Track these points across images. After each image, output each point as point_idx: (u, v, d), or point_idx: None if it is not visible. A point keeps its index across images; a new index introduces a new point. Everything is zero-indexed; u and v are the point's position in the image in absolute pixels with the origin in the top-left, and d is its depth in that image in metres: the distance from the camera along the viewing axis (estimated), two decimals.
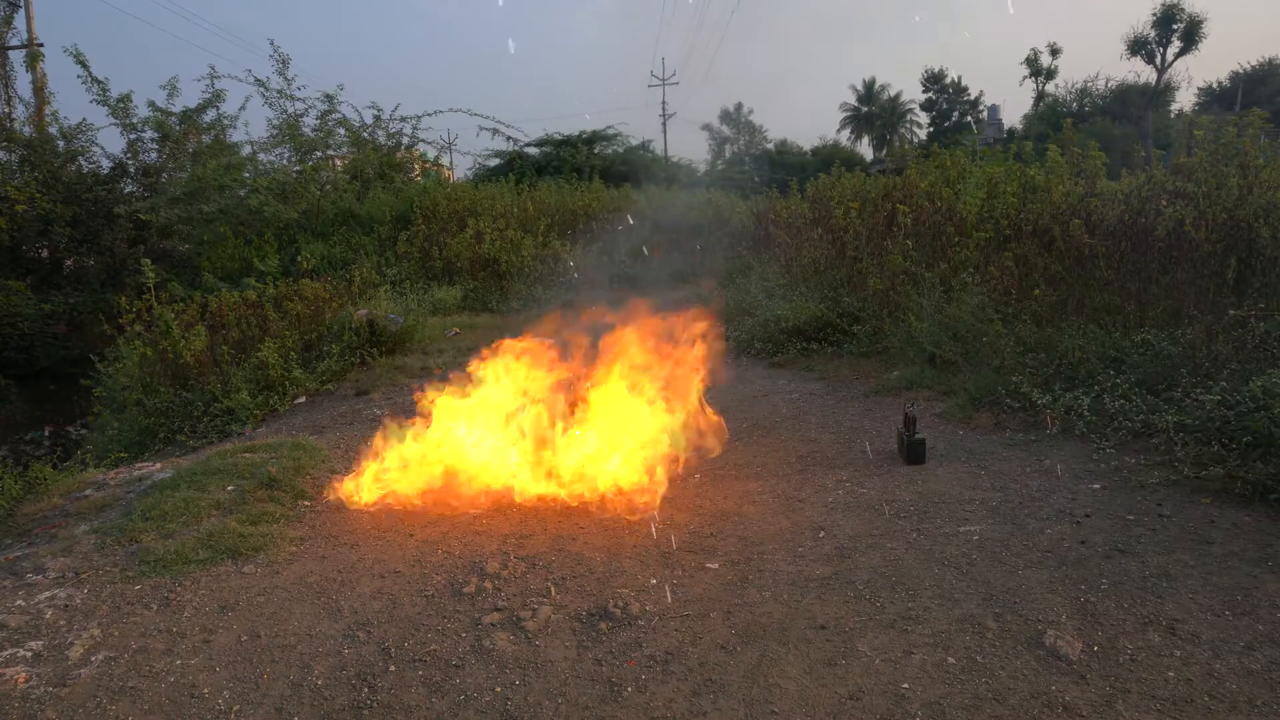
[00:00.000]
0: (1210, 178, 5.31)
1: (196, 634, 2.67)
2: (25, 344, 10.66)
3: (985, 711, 2.06)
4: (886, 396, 5.31)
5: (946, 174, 8.16)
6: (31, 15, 15.42)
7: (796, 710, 2.12)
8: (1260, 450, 3.35)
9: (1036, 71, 32.57)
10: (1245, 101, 36.99)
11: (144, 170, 12.92)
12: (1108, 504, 3.27)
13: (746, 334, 7.41)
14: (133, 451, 5.91)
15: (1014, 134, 36.19)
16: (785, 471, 4.02)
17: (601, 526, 3.41)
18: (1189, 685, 2.10)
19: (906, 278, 6.67)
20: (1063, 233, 5.69)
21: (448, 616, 2.71)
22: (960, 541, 3.04)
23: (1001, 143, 15.80)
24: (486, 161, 20.32)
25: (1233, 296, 4.65)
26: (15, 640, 2.65)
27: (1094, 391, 4.36)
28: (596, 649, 2.47)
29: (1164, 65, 28.68)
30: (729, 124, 59.50)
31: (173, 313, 6.94)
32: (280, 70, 13.62)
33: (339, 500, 3.81)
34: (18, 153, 12.32)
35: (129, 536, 3.41)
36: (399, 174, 14.98)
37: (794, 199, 11.97)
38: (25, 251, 11.75)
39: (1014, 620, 2.46)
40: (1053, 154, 6.96)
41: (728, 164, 43.07)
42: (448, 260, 11.69)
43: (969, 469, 3.84)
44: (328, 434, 5.17)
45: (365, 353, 7.22)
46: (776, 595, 2.72)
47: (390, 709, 2.23)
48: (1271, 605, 2.43)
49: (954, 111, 43.12)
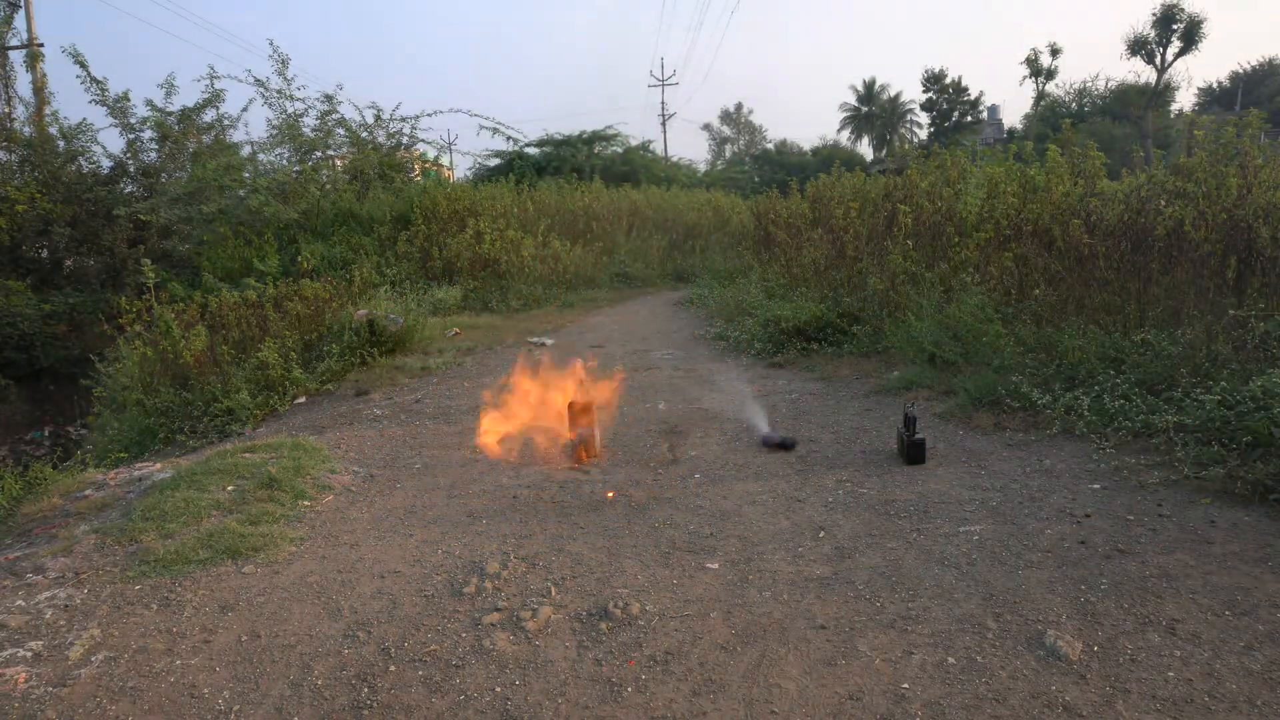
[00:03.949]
0: (1210, 178, 5.31)
1: (196, 634, 2.67)
2: (25, 344, 10.66)
3: (985, 711, 2.06)
4: (886, 396, 5.31)
5: (946, 174, 8.17)
6: (31, 15, 15.43)
7: (796, 710, 2.12)
8: (1260, 450, 3.35)
9: (1036, 71, 32.54)
10: (1245, 101, 37.02)
11: (144, 170, 12.93)
12: (1108, 504, 3.27)
13: (746, 334, 7.42)
14: (133, 451, 5.91)
15: (1014, 134, 36.22)
16: (785, 471, 4.02)
17: (601, 526, 3.41)
18: (1189, 685, 2.10)
19: (906, 278, 6.67)
20: (1063, 233, 5.70)
21: (448, 616, 2.71)
22: (960, 541, 3.04)
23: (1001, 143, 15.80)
24: (486, 161, 20.34)
25: (1233, 296, 4.65)
26: (15, 640, 2.64)
27: (1094, 391, 4.36)
28: (596, 649, 2.47)
29: (1164, 65, 28.68)
30: (729, 124, 59.54)
31: (173, 313, 6.95)
32: (280, 70, 13.61)
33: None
34: (18, 153, 12.33)
35: (129, 536, 3.41)
36: (399, 174, 14.97)
37: (794, 199, 11.97)
38: (25, 251, 11.76)
39: (1014, 620, 2.46)
40: (1052, 154, 6.96)
41: (728, 164, 43.09)
42: (448, 260, 11.70)
43: (969, 469, 3.84)
44: (328, 434, 5.17)
45: (365, 353, 7.22)
46: (776, 595, 2.72)
47: (390, 709, 2.23)
48: (1271, 605, 2.43)
49: (954, 111, 43.08)
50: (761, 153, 47.07)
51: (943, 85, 43.16)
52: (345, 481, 4.17)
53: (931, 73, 43.19)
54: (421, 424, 5.35)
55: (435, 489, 4.02)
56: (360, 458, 4.60)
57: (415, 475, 4.27)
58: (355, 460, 4.55)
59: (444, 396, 6.09)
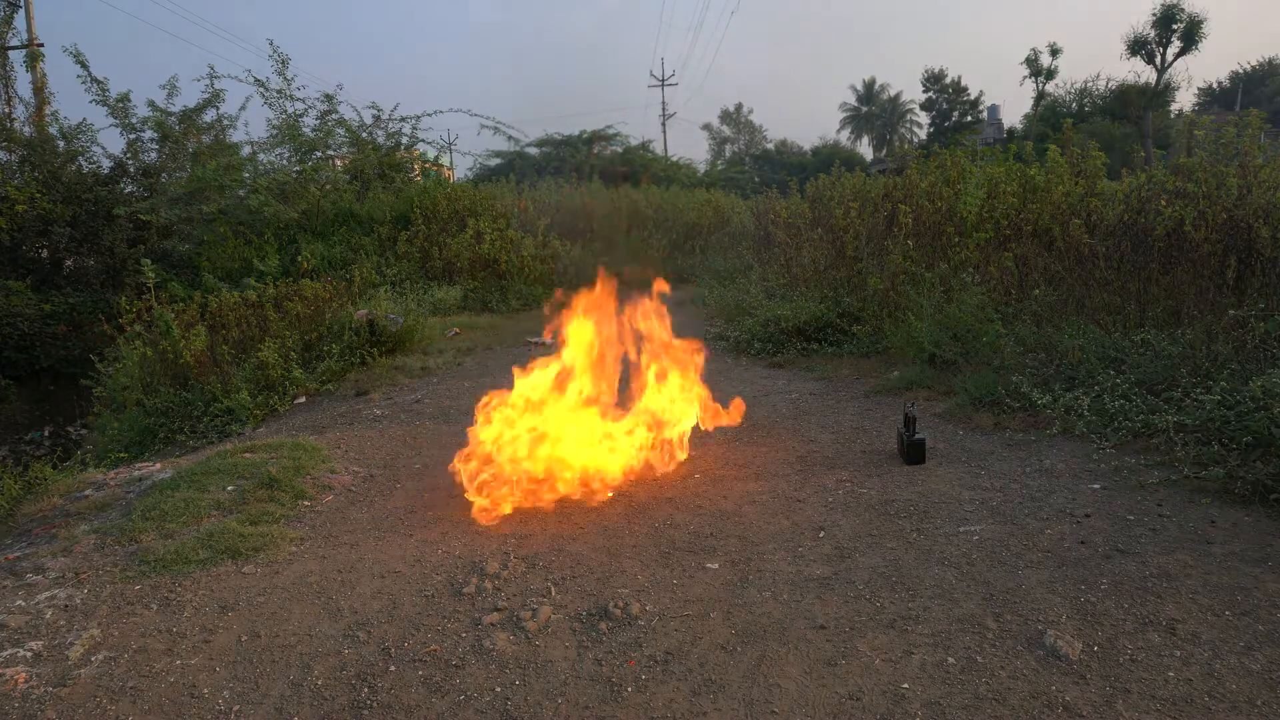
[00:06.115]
0: (1210, 178, 5.32)
1: (196, 634, 2.67)
2: (25, 344, 10.66)
3: (985, 711, 2.06)
4: (886, 396, 5.31)
5: (946, 174, 8.17)
6: (31, 15, 15.43)
7: (796, 710, 2.12)
8: (1260, 450, 3.35)
9: (1036, 71, 32.50)
10: (1245, 101, 37.03)
11: (144, 170, 12.92)
12: (1108, 504, 3.27)
13: (746, 334, 7.41)
14: (133, 451, 5.91)
15: (1014, 134, 36.20)
16: (785, 471, 4.02)
17: (601, 526, 3.41)
18: (1189, 685, 2.10)
19: (906, 278, 6.67)
20: (1063, 233, 5.70)
21: (448, 616, 2.71)
22: (960, 541, 3.04)
23: (1001, 143, 15.80)
24: (487, 161, 20.37)
25: (1233, 296, 4.65)
26: (15, 640, 2.65)
27: (1094, 391, 4.36)
28: (596, 649, 2.47)
29: (1164, 65, 28.64)
30: (729, 124, 59.56)
31: (173, 313, 6.95)
32: (280, 70, 13.59)
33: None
34: (18, 153, 12.32)
35: (129, 536, 3.41)
36: (399, 174, 14.96)
37: (794, 199, 11.98)
38: (25, 251, 11.74)
39: (1014, 620, 2.46)
40: (1053, 154, 6.97)
41: (728, 164, 43.12)
42: (448, 260, 11.70)
43: (969, 469, 3.84)
44: (328, 434, 5.17)
45: (365, 353, 7.22)
46: (776, 595, 2.72)
47: (390, 709, 2.23)
48: (1271, 605, 2.43)
49: (954, 111, 43.09)
50: (761, 153, 47.12)
51: (943, 85, 43.17)
52: (345, 481, 4.17)
53: (931, 73, 43.23)
54: (421, 424, 5.35)
55: (435, 489, 4.01)
56: (360, 458, 4.60)
57: (415, 475, 4.27)
58: (355, 460, 4.55)
59: (444, 396, 6.09)
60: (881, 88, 53.79)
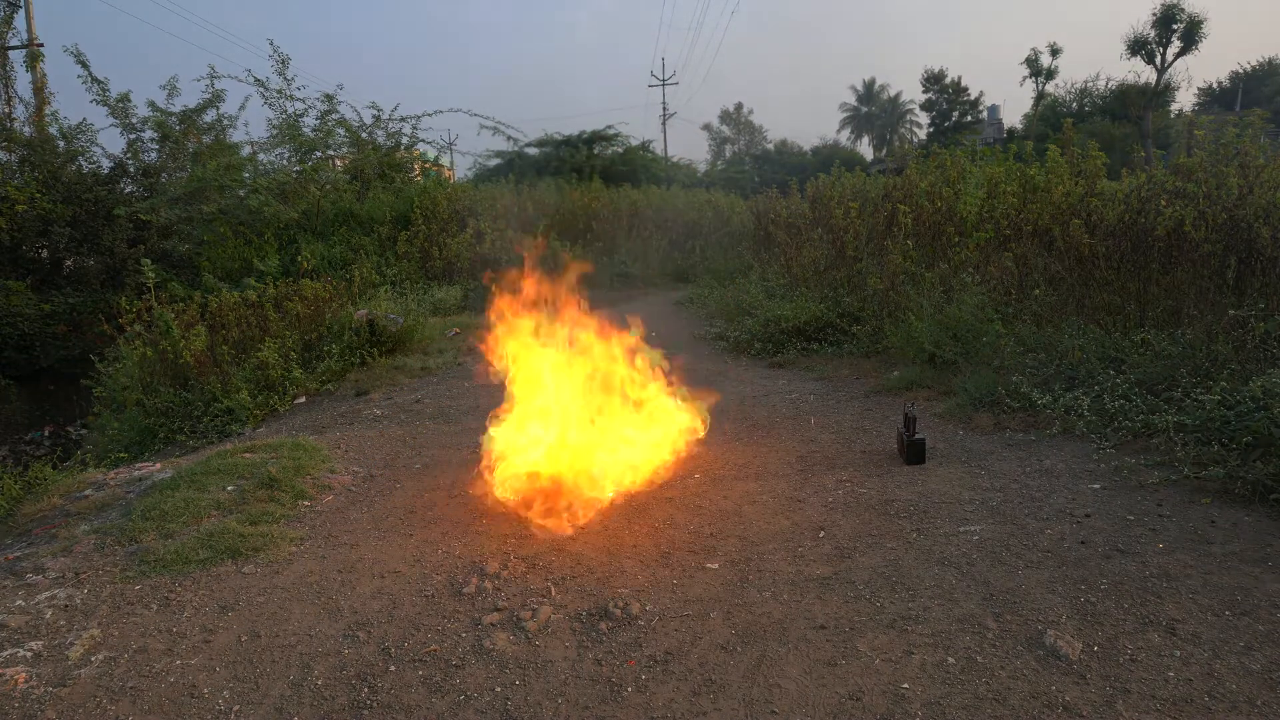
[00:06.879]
0: (1210, 178, 5.31)
1: (196, 634, 2.67)
2: (25, 344, 10.67)
3: (985, 711, 2.06)
4: (886, 396, 5.31)
5: (946, 174, 8.18)
6: (31, 15, 15.42)
7: (796, 710, 2.12)
8: (1260, 450, 3.35)
9: (1036, 71, 32.51)
10: (1245, 101, 37.00)
11: (144, 170, 12.94)
12: (1108, 504, 3.27)
13: (746, 334, 7.41)
14: (133, 451, 5.91)
15: (1014, 134, 36.20)
16: (785, 471, 4.02)
17: (601, 525, 3.41)
18: (1189, 685, 2.10)
19: (906, 278, 6.67)
20: (1063, 233, 5.70)
21: (448, 616, 2.71)
22: (960, 541, 3.04)
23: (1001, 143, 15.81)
24: (486, 161, 20.38)
25: (1233, 296, 4.65)
26: (15, 640, 2.64)
27: (1094, 391, 4.35)
28: (596, 649, 2.47)
29: (1164, 65, 28.63)
30: (729, 124, 59.58)
31: (173, 313, 6.95)
32: (280, 70, 13.61)
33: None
34: (18, 153, 12.33)
35: (129, 536, 3.41)
36: (399, 174, 14.98)
37: (794, 199, 11.98)
38: (25, 251, 11.76)
39: (1014, 620, 2.46)
40: (1053, 154, 6.97)
41: (728, 164, 43.14)
42: (448, 260, 11.71)
43: (969, 469, 3.84)
44: (328, 434, 5.17)
45: (365, 353, 7.22)
46: (776, 595, 2.72)
47: (390, 709, 2.23)
48: (1271, 605, 2.43)
49: (954, 111, 43.08)
50: (761, 153, 47.14)
51: (943, 85, 43.15)
52: (345, 481, 4.17)
53: (931, 73, 43.19)
54: (421, 424, 5.35)
55: (435, 489, 4.01)
56: (360, 458, 4.61)
57: (415, 475, 4.27)
58: (355, 460, 4.55)
59: (444, 396, 6.09)
60: (881, 88, 53.81)
